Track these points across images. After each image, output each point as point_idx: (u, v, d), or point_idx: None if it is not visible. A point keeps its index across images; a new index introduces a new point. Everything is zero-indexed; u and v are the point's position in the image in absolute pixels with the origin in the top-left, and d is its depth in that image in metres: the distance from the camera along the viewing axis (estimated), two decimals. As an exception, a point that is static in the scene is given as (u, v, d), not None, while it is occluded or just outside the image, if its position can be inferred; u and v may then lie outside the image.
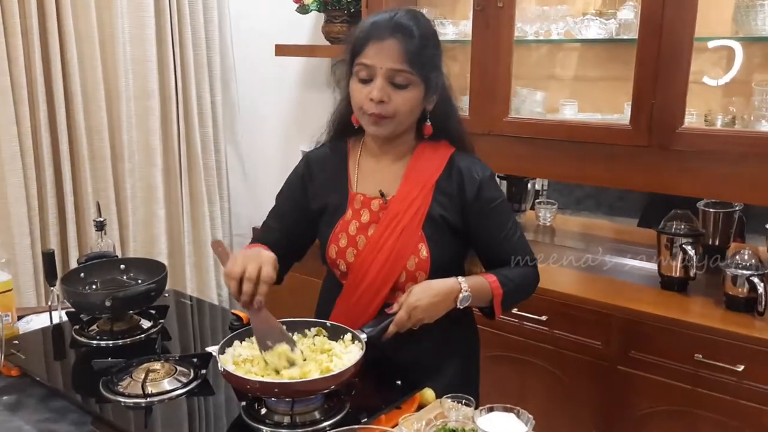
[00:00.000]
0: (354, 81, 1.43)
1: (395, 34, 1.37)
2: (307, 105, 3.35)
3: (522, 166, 2.44)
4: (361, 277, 1.47)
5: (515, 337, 2.25)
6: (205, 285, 3.21)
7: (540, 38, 2.39)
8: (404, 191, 1.48)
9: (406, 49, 1.37)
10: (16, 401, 1.38)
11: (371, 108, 1.40)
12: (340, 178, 1.54)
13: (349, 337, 1.33)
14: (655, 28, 2.00)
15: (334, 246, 1.50)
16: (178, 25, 2.96)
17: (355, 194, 1.51)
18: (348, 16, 2.87)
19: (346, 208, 1.51)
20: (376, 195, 1.49)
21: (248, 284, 1.28)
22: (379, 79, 1.38)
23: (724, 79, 2.10)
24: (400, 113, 1.41)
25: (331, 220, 1.52)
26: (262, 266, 1.30)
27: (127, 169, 2.88)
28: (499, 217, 1.50)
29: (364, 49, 1.39)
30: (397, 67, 1.37)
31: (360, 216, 1.49)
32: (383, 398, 1.29)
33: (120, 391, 1.31)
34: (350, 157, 1.56)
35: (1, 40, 2.44)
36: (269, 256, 1.34)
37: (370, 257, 1.46)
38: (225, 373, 1.21)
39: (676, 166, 2.08)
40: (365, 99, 1.40)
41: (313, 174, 1.57)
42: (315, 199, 1.56)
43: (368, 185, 1.52)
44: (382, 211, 1.48)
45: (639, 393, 2.05)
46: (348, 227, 1.49)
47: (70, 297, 1.54)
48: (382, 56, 1.37)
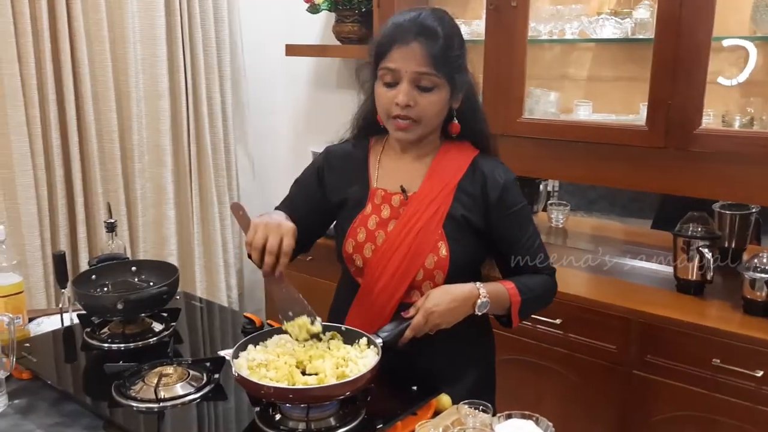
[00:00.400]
0: (379, 85, 1.42)
1: (419, 37, 1.36)
2: (317, 105, 3.34)
3: (536, 167, 2.41)
4: (379, 273, 1.45)
5: (529, 341, 2.23)
6: (215, 287, 3.20)
7: (554, 38, 2.36)
8: (426, 188, 1.46)
9: (431, 51, 1.35)
10: (27, 405, 1.37)
11: (396, 110, 1.39)
12: (361, 173, 1.53)
13: (364, 342, 1.31)
14: (672, 28, 1.97)
15: (351, 240, 1.48)
16: (189, 24, 2.95)
17: (376, 189, 1.50)
18: (359, 16, 2.85)
19: (365, 202, 1.50)
20: (397, 191, 1.48)
21: (270, 257, 1.29)
22: (405, 83, 1.37)
23: (737, 79, 2.07)
24: (426, 117, 1.40)
25: (350, 214, 1.50)
26: (283, 237, 1.30)
27: (137, 169, 2.87)
28: (520, 222, 1.48)
29: (389, 52, 1.38)
30: (422, 70, 1.36)
31: (380, 211, 1.48)
32: (399, 404, 1.27)
33: (132, 396, 1.29)
34: (372, 154, 1.55)
35: (11, 41, 2.44)
36: (290, 227, 1.33)
37: (388, 253, 1.44)
38: (239, 378, 1.19)
39: (693, 168, 2.05)
40: (391, 103, 1.39)
41: (332, 167, 1.56)
42: (333, 193, 1.55)
43: (389, 181, 1.50)
44: (403, 207, 1.46)
45: (656, 398, 2.02)
46: (367, 222, 1.48)
47: (81, 299, 1.52)
48: (407, 60, 1.36)
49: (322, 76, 3.29)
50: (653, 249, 2.44)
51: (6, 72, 2.44)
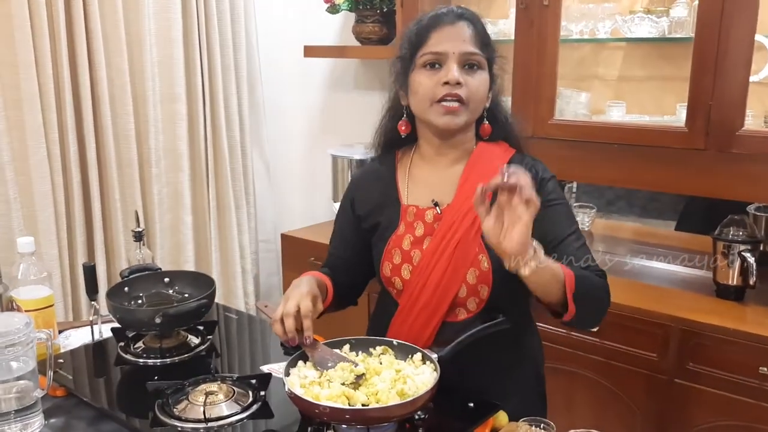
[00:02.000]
0: (418, 73, 1.36)
1: (461, 19, 1.35)
2: (334, 107, 3.28)
3: (568, 170, 2.35)
4: (418, 293, 1.38)
5: (564, 349, 2.17)
6: (232, 293, 3.14)
7: (585, 37, 2.31)
8: (461, 198, 1.39)
9: (476, 30, 1.35)
10: (64, 424, 1.30)
11: (444, 91, 1.32)
12: (390, 192, 1.47)
13: (419, 357, 1.25)
14: (713, 27, 1.92)
15: (388, 263, 1.42)
16: (206, 26, 2.88)
17: (407, 206, 1.43)
18: (380, 16, 2.79)
19: (398, 222, 1.43)
20: (429, 205, 1.41)
21: (289, 320, 1.24)
22: (452, 62, 1.33)
23: (759, 75, 2.02)
24: (474, 98, 1.35)
25: (383, 236, 1.44)
26: (300, 302, 1.26)
27: (154, 174, 2.81)
28: (559, 218, 1.39)
29: (429, 37, 1.34)
30: (469, 49, 1.33)
31: (414, 229, 1.41)
32: (457, 422, 1.22)
33: (177, 415, 1.23)
34: (399, 168, 1.49)
35: (29, 44, 2.37)
36: (306, 291, 1.29)
37: (426, 271, 1.37)
38: (293, 396, 1.13)
39: (734, 170, 1.99)
40: (436, 85, 1.33)
41: (361, 193, 1.51)
42: (365, 219, 1.49)
43: (420, 195, 1.43)
44: (437, 222, 1.39)
45: (698, 407, 1.96)
46: (401, 242, 1.41)
47: (116, 313, 1.46)
48: (453, 39, 1.33)
49: (339, 77, 3.23)
50: (682, 252, 2.38)
51: (23, 75, 2.38)
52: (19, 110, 2.41)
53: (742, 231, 2.05)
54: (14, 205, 2.41)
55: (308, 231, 2.98)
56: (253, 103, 3.21)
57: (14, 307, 1.49)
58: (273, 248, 3.37)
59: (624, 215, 2.83)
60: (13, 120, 2.40)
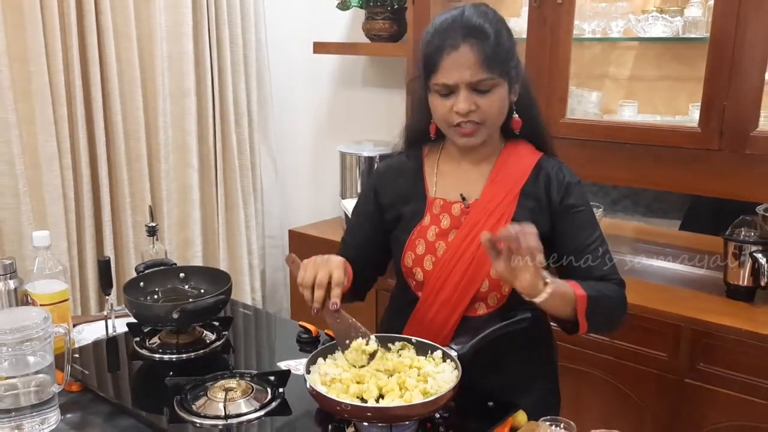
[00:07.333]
0: (434, 97, 1.36)
1: (468, 39, 1.29)
2: (342, 104, 3.27)
3: (580, 169, 2.32)
4: (440, 286, 1.39)
5: (574, 348, 2.16)
6: (239, 288, 3.13)
7: (598, 36, 2.30)
8: (489, 195, 1.40)
9: (483, 54, 1.29)
10: (81, 420, 1.30)
11: (458, 119, 1.33)
12: (417, 185, 1.47)
13: (439, 355, 1.25)
14: (729, 27, 1.92)
15: (410, 253, 1.42)
16: (216, 21, 2.88)
17: (434, 199, 1.44)
18: (391, 13, 2.78)
19: (423, 213, 1.43)
20: (456, 199, 1.42)
21: (319, 291, 1.26)
22: (462, 91, 1.31)
23: None
24: (489, 117, 1.35)
25: (408, 226, 1.44)
26: (332, 271, 1.27)
27: (163, 170, 2.80)
28: (583, 225, 1.41)
29: (439, 65, 1.31)
30: (477, 77, 1.30)
31: (440, 221, 1.42)
32: (477, 422, 1.22)
33: (196, 411, 1.23)
34: (427, 162, 1.49)
35: (40, 39, 2.36)
36: (338, 260, 1.30)
37: (450, 264, 1.38)
38: (315, 393, 1.13)
39: (748, 171, 2.00)
40: (450, 113, 1.33)
41: (385, 185, 1.51)
42: (388, 210, 1.49)
43: (448, 189, 1.44)
44: (464, 216, 1.40)
45: (709, 407, 1.96)
46: (426, 233, 1.41)
47: (132, 308, 1.46)
48: (460, 69, 1.29)
49: (348, 74, 3.22)
50: (689, 251, 2.38)
51: (33, 69, 2.37)
52: (30, 104, 2.40)
53: (753, 232, 2.06)
54: (24, 198, 2.41)
55: (315, 227, 2.98)
56: (261, 99, 3.20)
57: (29, 301, 1.49)
58: (279, 244, 3.37)
59: (629, 214, 2.83)
60: (22, 113, 2.39)
